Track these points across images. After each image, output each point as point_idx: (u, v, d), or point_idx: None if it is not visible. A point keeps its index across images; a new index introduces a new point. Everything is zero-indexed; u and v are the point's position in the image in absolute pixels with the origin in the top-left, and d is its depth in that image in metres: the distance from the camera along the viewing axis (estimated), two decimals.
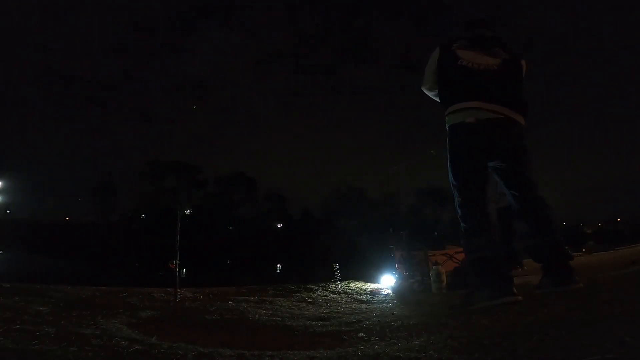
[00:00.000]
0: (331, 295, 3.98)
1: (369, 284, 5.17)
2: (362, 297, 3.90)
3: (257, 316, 2.56)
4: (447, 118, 2.43)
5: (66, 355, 1.26)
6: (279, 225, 53.22)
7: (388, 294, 4.19)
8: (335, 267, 4.94)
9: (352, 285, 4.94)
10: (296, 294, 3.87)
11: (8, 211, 46.35)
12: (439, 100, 2.56)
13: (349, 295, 3.98)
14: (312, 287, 4.50)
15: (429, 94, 2.66)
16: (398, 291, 4.40)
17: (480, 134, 2.29)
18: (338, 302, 3.47)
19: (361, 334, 1.91)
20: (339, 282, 4.83)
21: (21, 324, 1.70)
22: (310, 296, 3.79)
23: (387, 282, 5.01)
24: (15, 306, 2.19)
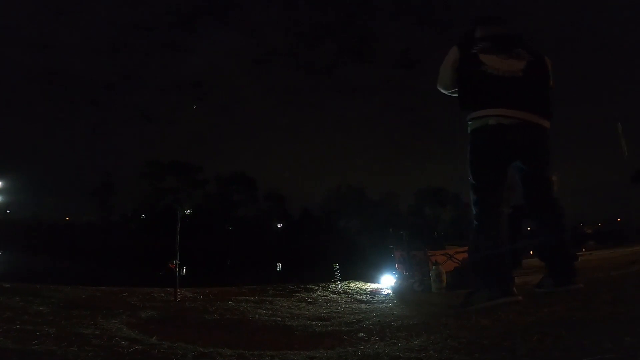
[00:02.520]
0: (331, 295, 3.98)
1: (369, 284, 5.16)
2: (362, 297, 3.89)
3: (257, 316, 2.55)
4: (469, 123, 2.43)
5: (66, 355, 1.26)
6: (279, 225, 53.20)
7: (388, 294, 4.18)
8: (335, 267, 4.94)
9: (352, 285, 4.93)
10: (296, 294, 3.87)
11: (8, 211, 46.28)
12: (457, 97, 2.53)
13: (349, 295, 3.97)
14: (312, 287, 4.50)
15: (445, 92, 2.63)
16: (398, 291, 4.40)
17: (502, 136, 2.30)
18: (338, 302, 3.47)
19: (361, 334, 1.91)
20: (339, 282, 4.82)
21: (21, 324, 1.70)
22: (310, 296, 3.78)
23: (387, 282, 5.00)
24: (15, 306, 2.19)
